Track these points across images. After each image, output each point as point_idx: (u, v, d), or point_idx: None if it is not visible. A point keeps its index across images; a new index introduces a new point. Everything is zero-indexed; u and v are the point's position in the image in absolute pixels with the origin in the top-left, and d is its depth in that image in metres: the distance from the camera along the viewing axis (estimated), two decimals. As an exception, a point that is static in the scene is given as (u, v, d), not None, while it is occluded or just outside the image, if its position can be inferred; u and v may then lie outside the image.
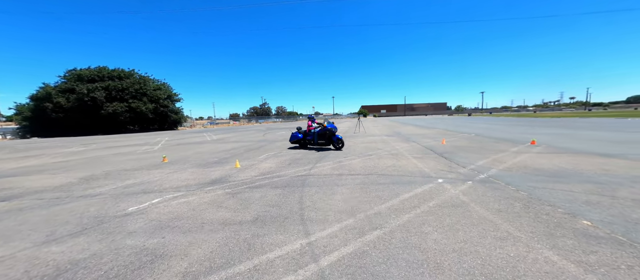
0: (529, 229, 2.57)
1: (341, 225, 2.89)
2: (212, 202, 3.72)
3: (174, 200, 3.80)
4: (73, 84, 28.14)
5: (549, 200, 3.25)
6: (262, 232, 2.78)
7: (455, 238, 2.48)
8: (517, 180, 4.17)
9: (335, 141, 8.19)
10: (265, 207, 3.50)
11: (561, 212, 2.90)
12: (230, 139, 15.50)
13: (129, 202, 3.79)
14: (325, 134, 8.19)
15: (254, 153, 8.59)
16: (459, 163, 5.61)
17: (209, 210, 3.42)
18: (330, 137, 8.18)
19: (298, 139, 8.84)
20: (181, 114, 40.27)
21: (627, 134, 9.74)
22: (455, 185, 4.05)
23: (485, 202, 3.30)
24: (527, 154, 6.41)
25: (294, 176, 5.11)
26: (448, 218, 2.92)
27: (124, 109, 29.26)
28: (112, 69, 32.39)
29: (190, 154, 9.14)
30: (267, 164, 6.46)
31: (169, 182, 4.94)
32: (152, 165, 6.91)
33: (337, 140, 8.19)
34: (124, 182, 5.07)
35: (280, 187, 4.40)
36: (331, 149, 8.19)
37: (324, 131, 8.22)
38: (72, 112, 27.56)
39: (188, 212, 3.34)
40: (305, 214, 3.24)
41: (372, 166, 5.68)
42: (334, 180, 4.63)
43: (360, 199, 3.66)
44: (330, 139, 8.20)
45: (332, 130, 8.20)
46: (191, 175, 5.49)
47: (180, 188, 4.50)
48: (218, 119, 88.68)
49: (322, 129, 8.28)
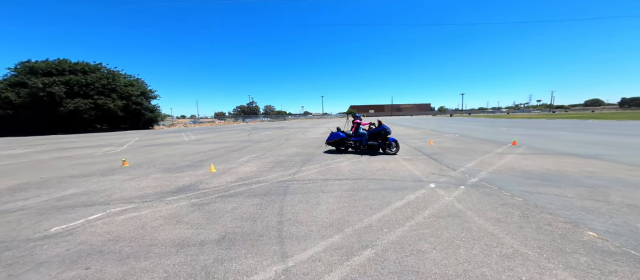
0: (535, 243, 2.30)
1: (326, 243, 2.43)
2: (170, 217, 3.06)
3: (120, 215, 3.09)
4: (24, 77, 24.75)
5: (546, 207, 3.06)
6: (228, 255, 2.23)
7: (456, 257, 2.12)
8: (509, 183, 4.01)
9: (390, 144, 6.95)
10: (237, 222, 2.94)
11: (562, 221, 2.69)
12: (211, 139, 14.43)
13: (56, 220, 3.00)
14: (380, 134, 6.96)
15: (235, 155, 7.87)
16: (449, 165, 5.43)
17: (163, 227, 2.78)
18: (385, 138, 6.96)
19: (338, 139, 7.34)
20: (157, 112, 37.45)
21: (593, 135, 10.47)
22: (449, 190, 3.78)
23: (483, 211, 3.03)
24: (511, 155, 6.45)
25: (276, 182, 4.56)
26: (446, 231, 2.58)
27: (89, 106, 26.38)
28: (75, 62, 29.08)
29: (159, 156, 8.16)
30: (247, 168, 5.83)
31: (122, 192, 4.14)
32: (106, 171, 5.94)
33: (392, 143, 6.95)
34: (62, 193, 4.17)
35: (258, 195, 3.84)
36: (380, 154, 6.96)
37: (378, 131, 6.99)
38: (23, 108, 24.28)
39: (134, 231, 2.67)
40: (284, 230, 2.73)
41: (361, 169, 5.30)
42: (320, 187, 4.16)
43: (348, 208, 3.22)
44: (386, 140, 6.96)
45: (387, 130, 6.99)
46: (153, 183, 4.71)
47: (134, 199, 3.74)
48: (202, 117, 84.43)
49: (376, 129, 7.06)
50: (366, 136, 7.16)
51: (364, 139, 7.15)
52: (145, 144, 12.79)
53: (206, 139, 14.79)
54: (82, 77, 27.43)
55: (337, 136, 7.40)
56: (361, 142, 7.18)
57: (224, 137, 15.58)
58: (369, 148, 7.22)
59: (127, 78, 33.54)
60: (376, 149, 7.20)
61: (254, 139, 13.14)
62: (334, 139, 7.46)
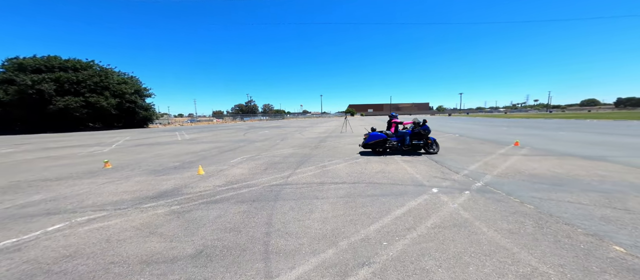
0: (556, 260, 2.01)
1: (317, 260, 2.12)
2: (142, 227, 2.72)
3: (85, 226, 2.74)
4: (13, 74, 23.98)
5: (561, 216, 2.78)
6: (202, 274, 1.92)
7: (466, 277, 1.82)
8: (517, 189, 3.73)
9: (431, 144, 6.74)
10: (219, 233, 2.61)
11: (582, 233, 2.41)
12: (205, 138, 14.02)
13: (10, 231, 2.65)
14: (422, 134, 6.72)
15: (227, 155, 7.52)
16: (451, 168, 5.15)
17: (132, 240, 2.44)
18: (427, 137, 6.75)
19: (381, 140, 6.79)
20: (152, 111, 36.78)
21: (593, 135, 10.30)
22: (453, 196, 3.49)
23: (492, 220, 2.74)
24: (515, 156, 6.20)
25: (267, 185, 4.24)
26: (452, 245, 2.29)
27: (80, 104, 25.69)
28: (65, 59, 28.31)
29: (147, 157, 7.77)
30: (238, 170, 5.49)
31: (96, 197, 3.78)
32: (86, 173, 5.56)
33: (433, 142, 6.77)
34: (28, 198, 3.79)
35: (247, 201, 3.52)
36: (420, 154, 6.75)
37: (422, 131, 6.74)
38: (12, 106, 23.54)
39: (96, 245, 2.33)
40: (271, 243, 2.41)
41: (359, 172, 5.00)
42: (315, 192, 3.85)
43: (344, 217, 2.91)
44: (428, 139, 6.76)
45: (429, 130, 6.80)
46: (133, 186, 4.35)
47: (107, 206, 3.39)
48: (200, 116, 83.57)
49: (421, 128, 6.78)
50: (408, 136, 6.80)
51: (407, 138, 6.78)
52: (136, 143, 12.35)
53: (200, 138, 14.37)
54: (73, 74, 26.69)
55: (379, 137, 6.81)
56: (403, 141, 6.81)
57: (219, 136, 15.17)
58: (412, 147, 6.87)
59: (121, 76, 32.84)
60: (418, 149, 6.91)
61: (249, 139, 12.78)
62: (375, 139, 6.83)
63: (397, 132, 6.97)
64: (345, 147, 8.60)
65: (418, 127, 6.83)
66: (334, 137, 12.33)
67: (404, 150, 6.87)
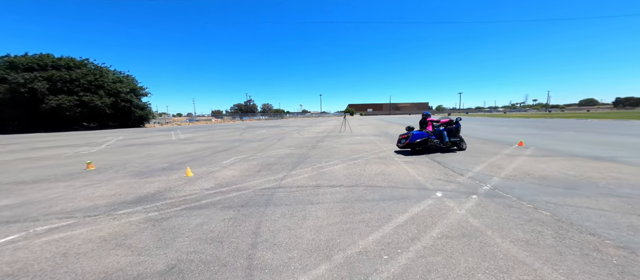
0: (587, 278, 1.71)
1: (308, 278, 1.82)
2: (110, 238, 2.39)
3: (43, 237, 2.40)
4: (4, 72, 23.45)
5: (583, 225, 2.48)
6: (168, 301, 1.59)
7: (485, 303, 1.52)
8: (528, 192, 3.44)
9: (461, 141, 6.91)
10: (197, 244, 2.30)
11: (612, 245, 2.11)
12: (200, 138, 13.66)
13: None
14: (454, 131, 6.74)
15: (220, 156, 7.18)
16: (455, 169, 4.85)
17: (93, 253, 2.11)
18: (458, 134, 6.84)
19: (425, 139, 6.48)
20: (148, 110, 36.26)
21: (597, 135, 10.06)
22: (459, 201, 3.19)
23: (505, 229, 2.44)
24: (521, 157, 5.91)
25: (259, 189, 3.92)
26: (463, 259, 1.99)
27: (73, 103, 25.18)
28: (58, 57, 27.76)
29: (135, 157, 7.41)
30: (229, 172, 5.16)
31: (67, 202, 3.44)
32: (64, 175, 5.20)
33: (462, 140, 6.94)
34: (-9, 204, 3.43)
35: (234, 206, 3.20)
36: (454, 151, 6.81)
37: (456, 128, 6.76)
38: (3, 105, 23.01)
39: (49, 261, 2.00)
40: (257, 256, 2.11)
41: (358, 174, 4.69)
42: (309, 196, 3.53)
43: (340, 225, 2.60)
44: (459, 137, 6.87)
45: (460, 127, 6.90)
46: (112, 190, 4.01)
47: (76, 212, 3.05)
48: (199, 115, 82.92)
49: (455, 126, 6.77)
50: (445, 133, 6.69)
51: (445, 135, 6.64)
52: (127, 143, 11.96)
53: (195, 137, 14.00)
54: (66, 72, 26.16)
55: (423, 136, 6.53)
56: (442, 139, 6.69)
57: (215, 136, 14.81)
58: (451, 145, 6.85)
59: (116, 74, 32.33)
60: (452, 146, 6.92)
61: (245, 138, 12.44)
62: (419, 138, 6.48)
63: (435, 131, 6.85)
64: (344, 148, 8.29)
65: (452, 125, 6.83)
66: (332, 137, 12.01)
67: (444, 147, 6.81)
